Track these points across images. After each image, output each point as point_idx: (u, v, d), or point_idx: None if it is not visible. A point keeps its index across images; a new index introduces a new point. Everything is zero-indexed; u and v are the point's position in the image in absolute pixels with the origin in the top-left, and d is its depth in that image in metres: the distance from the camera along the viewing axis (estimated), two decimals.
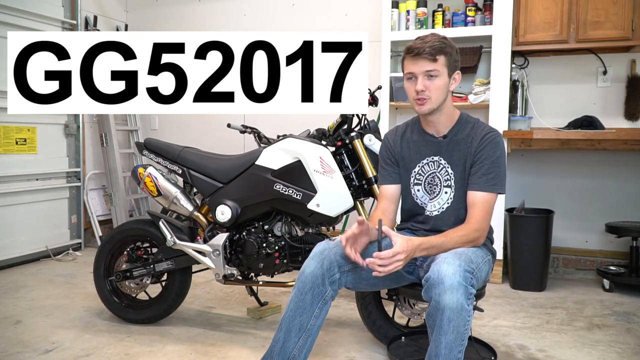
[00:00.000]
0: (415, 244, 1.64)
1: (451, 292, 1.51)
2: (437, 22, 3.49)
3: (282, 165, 2.40)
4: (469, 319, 1.55)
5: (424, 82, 1.77)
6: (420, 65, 1.76)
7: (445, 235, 1.73)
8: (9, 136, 3.79)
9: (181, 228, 2.55)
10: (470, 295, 1.55)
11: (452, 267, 1.54)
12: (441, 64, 1.77)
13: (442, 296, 1.52)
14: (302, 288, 1.72)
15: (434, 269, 1.57)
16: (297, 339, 1.71)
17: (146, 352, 2.29)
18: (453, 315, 1.51)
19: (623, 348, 2.35)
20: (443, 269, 1.54)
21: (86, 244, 4.40)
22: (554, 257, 3.60)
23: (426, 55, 1.75)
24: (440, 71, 1.77)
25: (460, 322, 1.52)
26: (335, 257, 1.75)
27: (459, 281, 1.52)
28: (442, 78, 1.78)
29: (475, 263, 1.66)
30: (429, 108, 1.80)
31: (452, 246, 1.70)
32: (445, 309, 1.51)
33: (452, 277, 1.52)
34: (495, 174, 1.80)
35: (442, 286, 1.52)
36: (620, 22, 3.17)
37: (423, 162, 1.92)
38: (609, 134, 3.15)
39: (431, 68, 1.76)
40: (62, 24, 4.18)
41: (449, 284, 1.51)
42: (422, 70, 1.76)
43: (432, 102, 1.79)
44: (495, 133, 1.85)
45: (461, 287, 1.52)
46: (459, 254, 1.62)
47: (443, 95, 1.81)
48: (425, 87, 1.77)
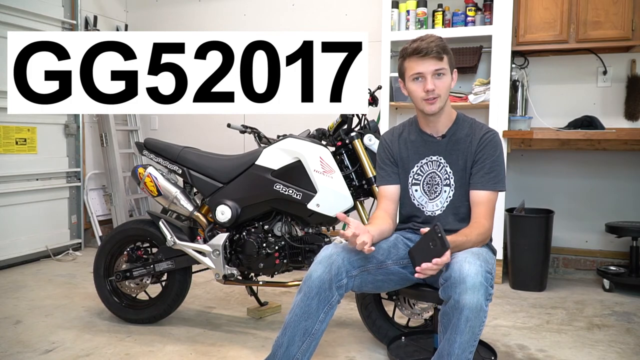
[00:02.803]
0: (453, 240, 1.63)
1: (472, 292, 1.51)
2: (437, 22, 3.49)
3: (282, 165, 2.40)
4: (484, 320, 1.56)
5: (434, 81, 1.78)
6: (428, 65, 1.77)
7: (466, 235, 1.73)
8: (9, 136, 3.79)
9: (181, 228, 2.55)
10: (489, 296, 1.56)
11: (474, 267, 1.54)
12: (446, 62, 1.79)
13: (463, 295, 1.52)
14: (309, 293, 1.69)
15: (454, 268, 1.57)
16: (301, 344, 1.70)
17: (146, 352, 2.29)
18: (471, 315, 1.52)
19: (623, 348, 2.36)
20: (465, 268, 1.54)
21: (86, 244, 4.40)
22: (554, 257, 3.60)
23: (434, 54, 1.76)
24: (447, 69, 1.80)
25: (477, 323, 1.53)
26: (344, 263, 1.73)
27: (480, 281, 1.52)
28: (448, 76, 1.81)
29: (491, 264, 1.67)
30: (439, 106, 1.82)
31: (471, 245, 1.70)
32: (465, 309, 1.51)
33: (474, 277, 1.52)
34: (496, 173, 1.82)
35: (464, 285, 1.52)
36: (620, 22, 3.16)
37: (422, 162, 1.92)
38: (609, 134, 3.15)
39: (439, 67, 1.78)
40: (62, 24, 4.18)
41: (471, 283, 1.52)
42: (431, 69, 1.77)
43: (441, 100, 1.81)
44: (493, 132, 1.87)
45: (482, 288, 1.52)
46: (476, 254, 1.62)
47: (447, 94, 1.83)
48: (436, 86, 1.78)
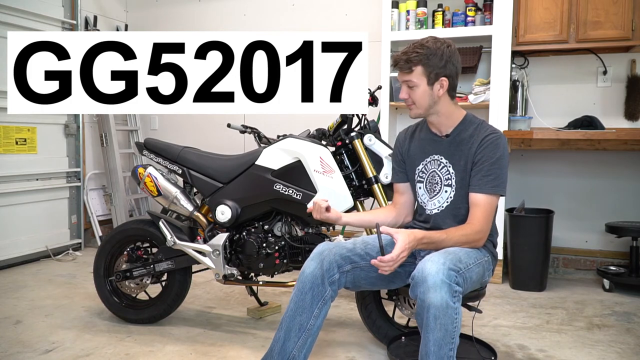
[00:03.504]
0: (417, 237, 1.66)
1: (434, 290, 1.53)
2: (437, 22, 3.49)
3: (282, 165, 2.40)
4: (457, 317, 1.56)
5: (406, 91, 1.85)
6: (400, 75, 1.85)
7: (447, 232, 1.75)
8: (9, 136, 3.79)
9: (181, 228, 2.55)
10: (456, 293, 1.56)
11: (435, 265, 1.56)
12: (417, 75, 1.80)
13: (426, 294, 1.54)
14: (302, 288, 1.75)
15: (418, 267, 1.60)
16: (297, 339, 1.73)
17: (146, 352, 2.29)
18: (438, 313, 1.53)
19: (623, 348, 2.36)
20: (427, 267, 1.57)
21: (86, 244, 4.40)
22: (554, 257, 3.60)
23: (401, 65, 1.81)
24: (416, 82, 1.80)
25: (447, 320, 1.53)
26: (335, 258, 1.78)
27: (441, 279, 1.53)
28: (421, 87, 1.81)
29: (464, 263, 1.66)
30: (416, 113, 1.88)
31: (452, 244, 1.72)
32: (430, 307, 1.53)
33: (434, 276, 1.54)
34: (495, 176, 1.79)
35: (426, 284, 1.54)
36: (620, 22, 3.17)
37: (426, 160, 1.93)
38: (609, 134, 3.15)
39: (407, 79, 1.82)
40: (62, 24, 4.18)
41: (432, 282, 1.53)
42: (402, 79, 1.84)
43: (417, 107, 1.85)
44: (497, 135, 1.83)
45: (444, 285, 1.53)
46: (447, 253, 1.65)
47: (427, 101, 1.83)
48: (408, 95, 1.84)
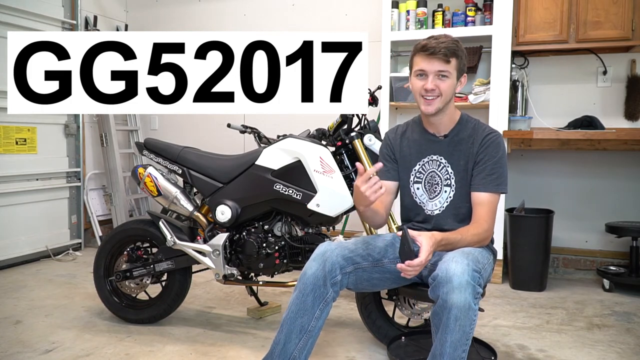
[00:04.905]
0: (437, 239, 1.65)
1: (459, 291, 1.51)
2: (437, 22, 3.49)
3: (282, 165, 2.40)
4: (475, 319, 1.56)
5: (434, 82, 1.79)
6: (433, 65, 1.77)
7: (461, 233, 1.74)
8: (9, 136, 3.78)
9: (181, 228, 2.55)
10: (478, 295, 1.56)
11: (460, 265, 1.55)
12: (453, 66, 1.79)
13: (450, 295, 1.52)
14: (304, 290, 1.73)
15: (441, 267, 1.58)
16: (298, 341, 1.71)
17: (146, 352, 2.29)
18: (460, 314, 1.52)
19: (623, 348, 2.36)
20: (452, 267, 1.55)
21: (86, 244, 4.40)
22: (554, 257, 3.60)
23: (440, 55, 1.76)
24: (451, 73, 1.79)
25: (467, 322, 1.53)
26: (337, 259, 1.76)
27: (467, 280, 1.52)
28: (452, 80, 1.80)
29: (481, 263, 1.67)
30: (436, 108, 1.81)
31: (465, 244, 1.72)
32: (453, 308, 1.52)
33: (460, 276, 1.52)
34: (498, 174, 1.82)
35: (450, 285, 1.53)
36: (620, 22, 3.16)
37: (424, 161, 1.93)
38: (609, 134, 3.15)
39: (444, 69, 1.77)
40: (62, 24, 4.18)
41: (457, 282, 1.52)
42: (435, 69, 1.78)
43: (440, 101, 1.81)
44: (496, 134, 1.87)
45: (469, 286, 1.52)
46: (466, 253, 1.63)
47: (450, 96, 1.82)
48: (436, 87, 1.78)
